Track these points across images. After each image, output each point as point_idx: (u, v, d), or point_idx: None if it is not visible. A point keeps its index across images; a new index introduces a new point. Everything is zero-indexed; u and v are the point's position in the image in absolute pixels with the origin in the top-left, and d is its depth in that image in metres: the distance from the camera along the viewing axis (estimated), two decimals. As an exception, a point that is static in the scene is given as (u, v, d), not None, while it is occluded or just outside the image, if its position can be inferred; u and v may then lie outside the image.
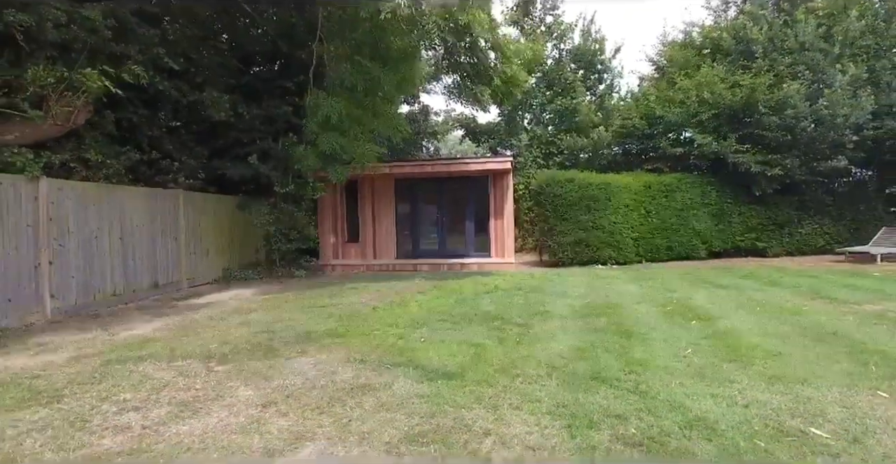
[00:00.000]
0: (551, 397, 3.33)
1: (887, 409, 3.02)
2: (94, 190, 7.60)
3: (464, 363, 4.12)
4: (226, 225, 11.21)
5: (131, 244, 8.36)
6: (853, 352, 4.20)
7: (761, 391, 3.34)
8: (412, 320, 5.89)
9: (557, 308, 6.55)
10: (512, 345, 4.71)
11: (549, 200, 12.16)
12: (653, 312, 6.19)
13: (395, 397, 3.40)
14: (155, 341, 5.22)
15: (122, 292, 8.11)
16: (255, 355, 4.53)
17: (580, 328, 5.38)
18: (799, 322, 5.41)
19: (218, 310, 7.10)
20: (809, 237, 13.32)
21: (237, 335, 5.37)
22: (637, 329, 5.24)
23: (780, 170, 12.03)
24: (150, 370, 4.15)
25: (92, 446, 2.79)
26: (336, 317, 6.21)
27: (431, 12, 7.45)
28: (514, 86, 8.80)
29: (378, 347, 4.72)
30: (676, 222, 12.85)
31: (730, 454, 2.49)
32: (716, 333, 4.97)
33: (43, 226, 6.68)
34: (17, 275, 6.34)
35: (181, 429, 2.98)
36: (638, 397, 3.27)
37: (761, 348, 4.38)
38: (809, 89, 11.75)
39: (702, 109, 12.79)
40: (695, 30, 15.70)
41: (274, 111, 11.21)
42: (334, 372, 3.98)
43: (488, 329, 5.38)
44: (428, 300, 7.35)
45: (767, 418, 2.90)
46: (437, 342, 4.83)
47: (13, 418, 3.19)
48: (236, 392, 3.58)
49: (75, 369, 4.26)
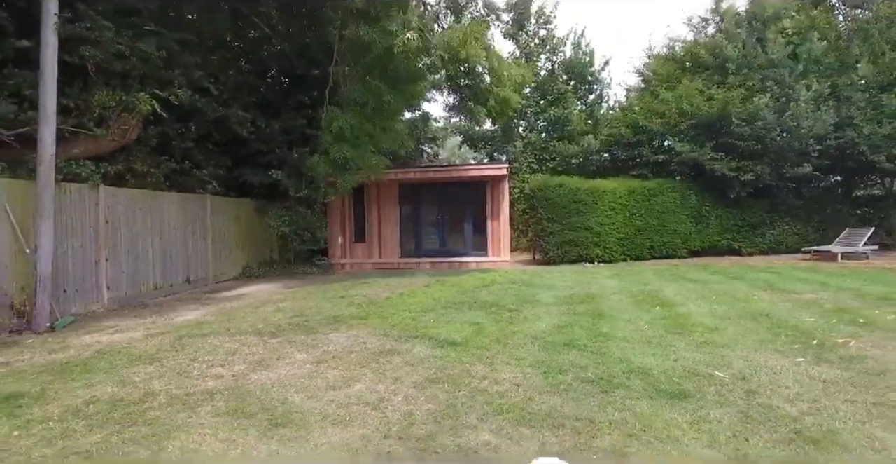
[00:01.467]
0: (532, 356, 4.43)
1: (775, 361, 4.12)
2: (139, 196, 8.67)
3: (466, 336, 5.22)
4: (245, 227, 12.28)
5: (168, 244, 9.42)
6: (773, 327, 5.32)
7: (690, 352, 4.45)
8: (421, 307, 6.98)
9: (545, 298, 7.65)
10: (505, 324, 5.81)
11: (541, 203, 13.28)
12: (625, 301, 7.30)
13: (415, 357, 4.49)
14: (209, 323, 6.30)
15: (162, 286, 9.18)
16: (297, 332, 5.61)
17: (562, 312, 6.48)
18: (744, 307, 6.53)
19: (251, 300, 8.18)
20: (781, 237, 14.48)
21: (276, 319, 6.45)
22: (608, 313, 6.35)
23: (752, 175, 13.19)
24: (217, 342, 5.23)
25: (200, 386, 3.87)
26: (356, 305, 7.29)
27: (437, 46, 8.53)
28: (506, 106, 9.85)
29: (396, 325, 5.81)
30: (658, 224, 13.99)
31: (653, 387, 3.59)
32: (672, 315, 6.08)
33: (101, 227, 7.76)
34: (82, 269, 7.41)
35: (261, 377, 4.06)
36: (597, 355, 4.37)
37: (703, 324, 5.49)
38: (778, 103, 12.91)
39: (681, 120, 13.94)
40: (677, 44, 16.88)
41: (290, 123, 12.30)
42: (365, 342, 5.07)
43: (486, 313, 6.47)
44: (433, 292, 8.43)
45: (687, 367, 4.01)
46: (444, 322, 5.92)
47: (132, 371, 4.27)
48: (293, 355, 4.66)
49: (156, 342, 5.33)
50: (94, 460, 2.71)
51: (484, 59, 8.73)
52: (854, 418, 3.00)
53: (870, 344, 4.54)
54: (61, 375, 4.24)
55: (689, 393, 3.44)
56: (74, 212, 7.27)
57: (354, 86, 9.51)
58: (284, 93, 12.89)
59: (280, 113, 12.50)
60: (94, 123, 7.38)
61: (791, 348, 4.53)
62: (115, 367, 4.43)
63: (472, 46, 8.03)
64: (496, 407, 3.29)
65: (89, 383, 3.97)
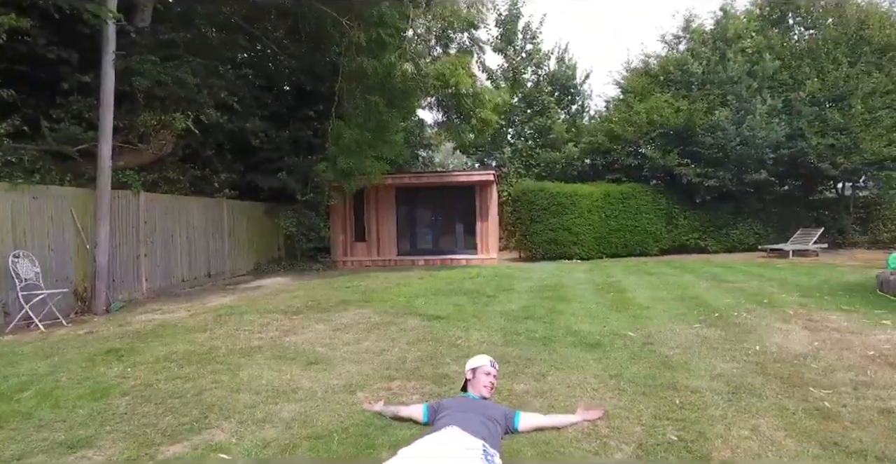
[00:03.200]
0: (498, 325, 5.80)
1: (678, 327, 5.50)
2: (170, 200, 10.00)
3: (449, 313, 6.58)
4: (256, 227, 13.62)
5: (193, 242, 10.75)
6: (694, 306, 6.70)
7: (620, 322, 5.82)
8: (414, 294, 8.34)
9: (520, 287, 9.03)
10: (482, 305, 7.17)
11: (525, 206, 14.68)
12: (588, 289, 8.68)
13: (409, 326, 5.84)
14: (238, 306, 7.63)
15: (188, 279, 10.51)
16: (314, 311, 6.96)
17: (531, 297, 7.85)
18: (680, 293, 7.91)
19: (268, 290, 9.52)
20: (743, 237, 15.93)
21: (294, 303, 7.79)
22: (569, 297, 7.73)
23: (715, 181, 14.63)
24: (251, 318, 6.57)
25: (249, 344, 5.21)
26: (360, 293, 8.65)
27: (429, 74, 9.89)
28: (487, 125, 11.23)
29: (394, 306, 7.17)
30: (632, 224, 15.41)
31: (580, 341, 4.96)
32: (620, 299, 7.46)
33: (141, 227, 9.09)
34: (126, 263, 8.74)
35: (292, 339, 5.41)
36: (547, 325, 5.75)
37: (639, 305, 6.88)
38: (737, 115, 14.35)
39: (651, 129, 15.37)
40: (652, 60, 18.29)
41: (297, 134, 13.66)
42: (369, 317, 6.42)
43: (468, 298, 7.84)
44: (425, 283, 9.79)
45: (611, 331, 5.38)
46: (433, 304, 7.28)
47: (192, 337, 5.61)
48: (314, 325, 6.01)
49: (201, 319, 6.67)
50: (192, 381, 4.05)
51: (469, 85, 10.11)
52: (707, 357, 4.37)
53: (755, 316, 5.93)
54: (139, 339, 5.59)
55: (603, 344, 4.82)
56: (121, 214, 8.60)
57: (356, 103, 10.86)
58: (292, 106, 14.24)
59: (288, 124, 13.85)
60: (138, 139, 8.71)
61: (697, 319, 5.92)
62: (177, 334, 5.77)
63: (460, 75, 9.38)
64: (464, 354, 4.64)
65: (164, 344, 5.31)
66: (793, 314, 5.99)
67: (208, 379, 4.07)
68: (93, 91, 7.88)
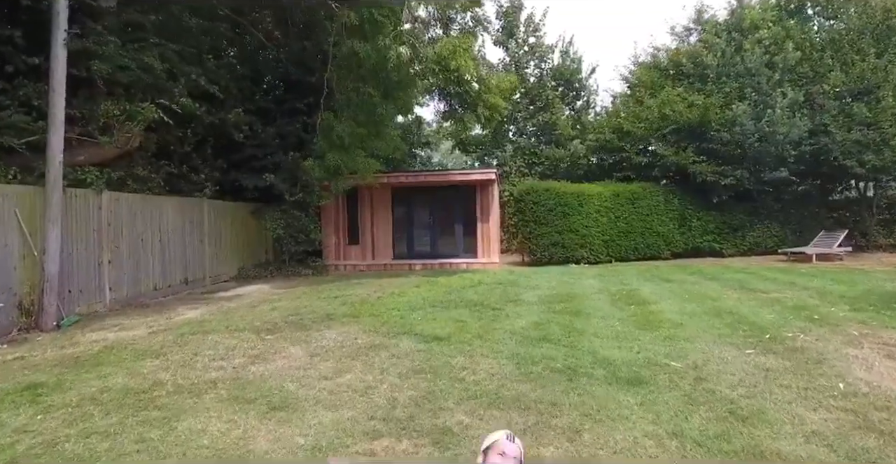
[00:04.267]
0: (509, 349, 4.83)
1: (728, 353, 4.55)
2: (140, 200, 9.01)
3: (450, 332, 5.61)
4: (240, 229, 12.63)
5: (167, 246, 9.76)
6: (734, 323, 5.75)
7: (653, 345, 4.87)
8: (410, 306, 7.37)
9: (528, 297, 8.07)
10: (487, 321, 6.21)
11: (529, 207, 13.72)
12: (604, 300, 7.73)
13: (401, 351, 4.88)
14: (208, 322, 6.65)
15: (161, 287, 9.51)
16: (292, 329, 5.98)
17: (542, 311, 6.89)
18: (711, 305, 6.96)
19: (247, 300, 8.54)
20: (760, 239, 14.99)
21: (272, 317, 6.82)
22: (586, 311, 6.77)
23: (731, 180, 13.69)
24: (217, 338, 5.59)
25: (204, 376, 4.24)
26: (349, 304, 7.67)
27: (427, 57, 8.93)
28: (495, 112, 10.26)
29: (385, 323, 6.20)
30: (642, 226, 14.47)
31: (613, 375, 4.00)
32: (644, 313, 6.51)
33: (104, 230, 8.10)
34: (86, 271, 7.74)
35: (258, 369, 4.44)
36: (568, 349, 4.79)
37: (671, 321, 5.92)
38: (756, 110, 13.42)
39: (664, 125, 14.44)
40: (661, 53, 17.38)
41: (285, 128, 12.67)
42: (356, 338, 5.45)
43: (470, 311, 6.87)
44: (422, 292, 8.82)
45: (647, 358, 4.42)
46: (430, 320, 6.31)
47: (139, 364, 4.63)
48: (288, 350, 5.04)
49: (159, 339, 5.69)
50: (111, 439, 3.08)
51: (472, 68, 9.14)
52: (784, 401, 3.42)
53: (815, 338, 4.98)
54: (74, 367, 4.60)
55: (644, 380, 3.86)
56: (79, 216, 7.61)
57: (348, 94, 9.89)
58: (279, 99, 13.26)
59: (275, 118, 12.86)
60: (99, 131, 7.72)
61: (745, 341, 4.96)
62: (123, 360, 4.79)
63: (462, 57, 8.43)
64: (471, 393, 3.69)
65: (101, 375, 4.33)
66: (858, 335, 5.04)
67: (133, 436, 3.09)
68: (44, 75, 6.89)
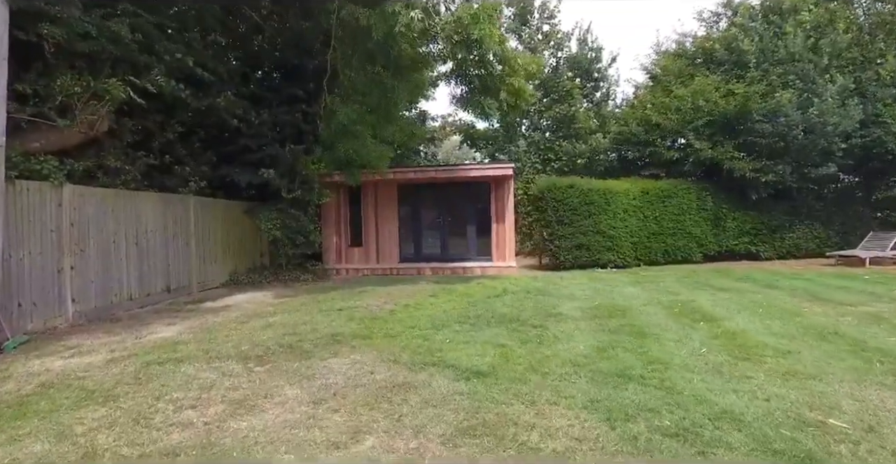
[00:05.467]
0: (583, 393, 3.57)
1: (893, 401, 3.30)
2: (112, 196, 7.72)
3: (493, 363, 4.35)
4: (233, 230, 11.34)
5: (146, 249, 8.47)
6: (855, 350, 4.50)
7: (778, 386, 3.61)
8: (431, 323, 6.10)
9: (569, 310, 6.80)
10: (534, 345, 4.94)
11: (550, 206, 12.46)
12: (660, 314, 6.47)
13: (435, 394, 3.61)
14: (185, 344, 5.37)
15: (138, 296, 8.22)
16: (289, 357, 4.71)
17: (594, 329, 5.63)
18: (801, 323, 5.71)
19: (237, 313, 7.25)
20: (800, 241, 13.76)
21: (265, 337, 5.54)
22: (649, 330, 5.51)
23: (773, 176, 12.46)
24: (191, 371, 4.31)
25: (160, 441, 2.97)
26: (357, 319, 6.40)
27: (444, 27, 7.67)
28: (520, 98, 9.02)
29: (406, 348, 4.93)
30: (673, 227, 13.23)
31: (760, 444, 2.74)
32: (724, 333, 5.25)
33: (66, 231, 6.80)
34: (41, 279, 6.44)
35: (241, 425, 3.17)
36: (664, 392, 3.52)
37: (770, 346, 4.66)
38: (800, 98, 12.20)
39: (697, 116, 13.20)
40: (688, 40, 16.16)
41: (282, 118, 11.37)
42: (372, 372, 4.18)
43: (508, 331, 5.60)
44: (441, 303, 7.56)
45: (788, 411, 3.16)
46: (462, 343, 5.04)
47: (77, 417, 3.35)
48: (283, 391, 3.76)
49: (118, 370, 4.41)
50: None
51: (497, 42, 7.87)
52: None
53: None
54: (-15, 421, 3.32)
55: (817, 456, 2.59)
56: (32, 213, 6.31)
57: (355, 74, 8.63)
58: (276, 86, 11.97)
59: (271, 107, 11.57)
60: (57, 112, 6.44)
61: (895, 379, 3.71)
62: (57, 408, 3.51)
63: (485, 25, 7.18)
64: (560, 478, 2.43)
65: (13, 438, 3.05)
66: None
67: None
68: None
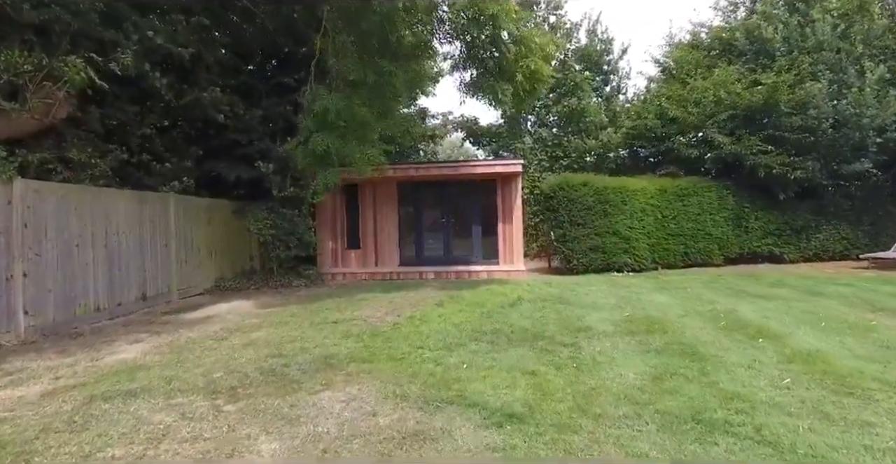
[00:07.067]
0: (659, 448, 2.67)
1: None
2: (76, 192, 6.79)
3: (527, 399, 3.44)
4: (220, 231, 10.42)
5: (117, 252, 7.54)
6: (978, 380, 3.62)
7: (915, 439, 2.72)
8: (442, 340, 5.19)
9: (597, 323, 5.91)
10: (572, 372, 4.04)
11: (562, 205, 11.56)
12: (707, 329, 5.58)
13: (460, 450, 2.70)
14: (147, 369, 4.45)
15: (107, 306, 7.28)
16: (270, 388, 3.79)
17: (636, 349, 4.74)
18: (880, 340, 4.84)
19: (216, 327, 6.33)
20: (827, 243, 12.89)
21: (244, 360, 4.62)
22: (704, 350, 4.61)
23: (801, 173, 11.60)
24: (143, 412, 3.40)
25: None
26: (354, 336, 5.48)
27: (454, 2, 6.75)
28: (537, 82, 8.14)
29: (415, 376, 4.02)
30: (693, 228, 12.35)
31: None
32: (798, 356, 4.36)
33: (17, 233, 5.87)
34: (-16, 290, 5.52)
35: (193, 504, 2.26)
36: (770, 449, 2.62)
37: (868, 375, 3.77)
38: (830, 89, 11.35)
39: (718, 109, 12.34)
40: (703, 31, 15.33)
41: (273, 110, 10.48)
42: (374, 412, 3.27)
43: (535, 351, 4.70)
44: (450, 314, 6.65)
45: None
46: (484, 370, 4.13)
47: (-33, 489, 2.44)
48: (257, 444, 2.85)
49: (52, 409, 3.49)
50: None
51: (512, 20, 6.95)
52: None
53: None
54: None
55: None
56: (-28, 212, 5.41)
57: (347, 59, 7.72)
58: (267, 75, 11.07)
59: (262, 98, 10.67)
60: (4, 94, 5.51)
61: None
62: (-52, 474, 2.60)
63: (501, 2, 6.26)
64: None
65: None
66: None
67: None
68: None
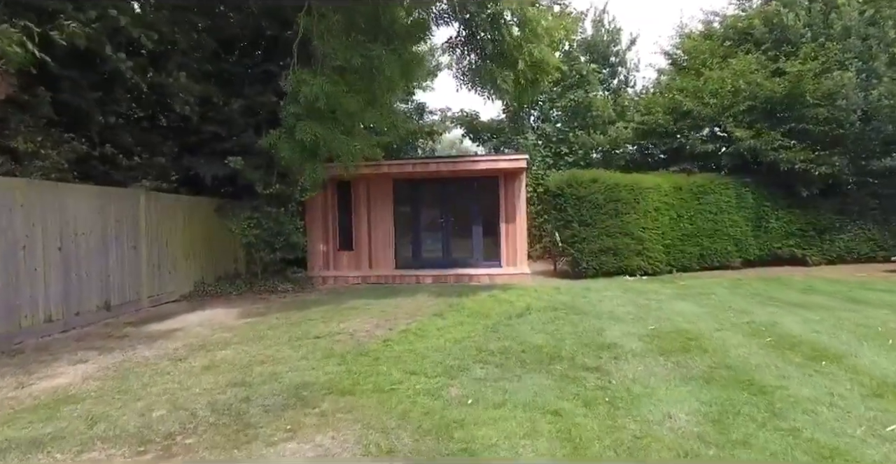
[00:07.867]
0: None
1: None
2: (21, 187, 5.93)
3: (554, 454, 2.60)
4: (200, 231, 9.57)
5: (74, 255, 6.67)
6: None
7: None
8: (442, 363, 4.34)
9: (622, 339, 5.07)
10: (605, 411, 3.19)
11: (570, 203, 10.70)
12: (751, 347, 4.74)
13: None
14: (77, 401, 3.60)
15: (61, 317, 6.42)
16: (217, 437, 2.94)
17: (677, 375, 3.90)
18: (969, 364, 4.01)
19: (179, 343, 5.46)
20: (852, 244, 12.06)
21: (197, 390, 3.77)
22: (760, 378, 3.78)
23: (826, 168, 10.77)
24: (43, 473, 2.55)
25: None
26: (337, 356, 4.63)
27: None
28: (542, 72, 7.31)
29: (406, 415, 3.17)
30: (710, 228, 11.52)
31: None
32: (884, 387, 3.52)
33: (-59, 234, 5.03)
34: None
35: None
36: None
37: None
38: (858, 79, 10.54)
39: (736, 101, 11.52)
40: (716, 20, 14.53)
41: (256, 99, 9.61)
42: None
43: (553, 379, 3.86)
44: (450, 327, 5.80)
45: None
46: (493, 407, 3.28)
47: None
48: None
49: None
50: None
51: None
52: None
53: None
54: None
55: None
56: None
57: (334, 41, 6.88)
58: (249, 62, 10.21)
59: (243, 86, 9.81)
60: (-79, 69, 4.67)
61: None
62: None
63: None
64: None
65: None
66: None
67: None
68: None
